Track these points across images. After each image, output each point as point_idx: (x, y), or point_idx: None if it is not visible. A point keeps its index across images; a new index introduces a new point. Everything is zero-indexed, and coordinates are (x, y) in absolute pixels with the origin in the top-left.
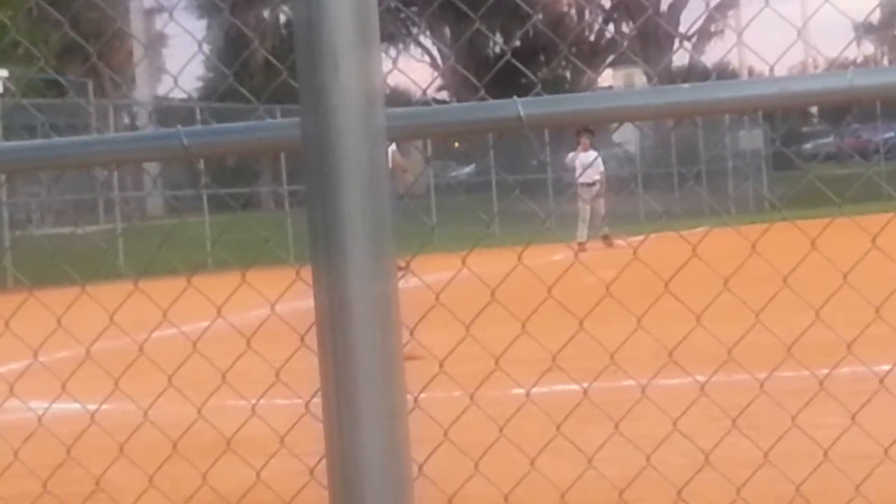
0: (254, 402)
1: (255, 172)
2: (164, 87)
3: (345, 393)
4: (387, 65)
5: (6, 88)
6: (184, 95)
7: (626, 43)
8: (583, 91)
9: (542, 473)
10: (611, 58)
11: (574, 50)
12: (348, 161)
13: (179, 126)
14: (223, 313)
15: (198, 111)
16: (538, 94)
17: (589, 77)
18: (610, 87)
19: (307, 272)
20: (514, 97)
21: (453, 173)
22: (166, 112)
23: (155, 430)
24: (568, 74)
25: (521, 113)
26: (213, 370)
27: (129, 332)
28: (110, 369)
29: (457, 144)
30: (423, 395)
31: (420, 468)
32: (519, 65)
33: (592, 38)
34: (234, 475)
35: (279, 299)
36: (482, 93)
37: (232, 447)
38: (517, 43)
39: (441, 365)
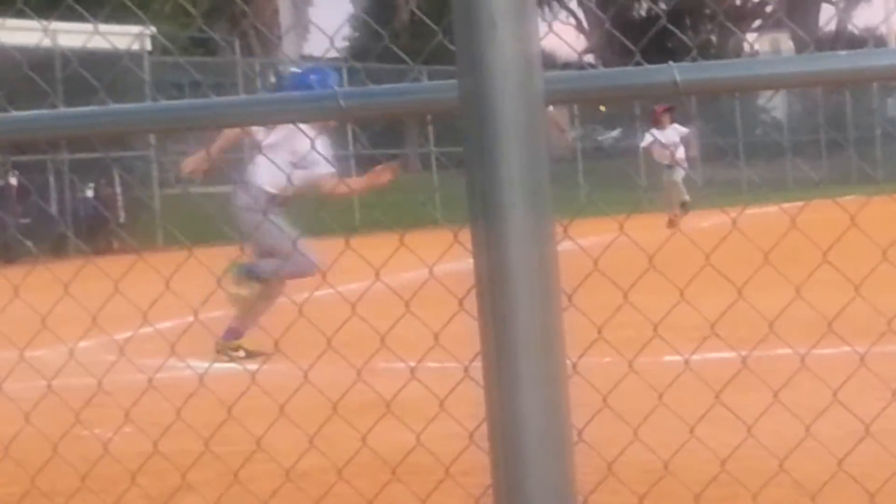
0: (413, 364)
1: (402, 133)
2: (309, 47)
3: (505, 358)
4: (541, 28)
5: (154, 46)
6: (331, 55)
7: (770, 8)
8: (729, 56)
9: (701, 441)
10: (757, 22)
11: (720, 14)
12: (507, 125)
13: (336, 88)
14: (375, 275)
15: (344, 71)
16: (694, 59)
17: (736, 41)
18: (756, 53)
19: (462, 235)
20: (671, 62)
21: (599, 137)
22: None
23: (314, 392)
24: (714, 39)
25: (678, 79)
26: (370, 332)
27: (285, 292)
28: (268, 330)
29: (602, 108)
30: (580, 361)
31: (579, 434)
32: (675, 30)
33: (739, 1)
34: (392, 437)
35: (437, 262)
36: (638, 57)
37: (391, 409)
38: (662, 6)
39: (599, 331)
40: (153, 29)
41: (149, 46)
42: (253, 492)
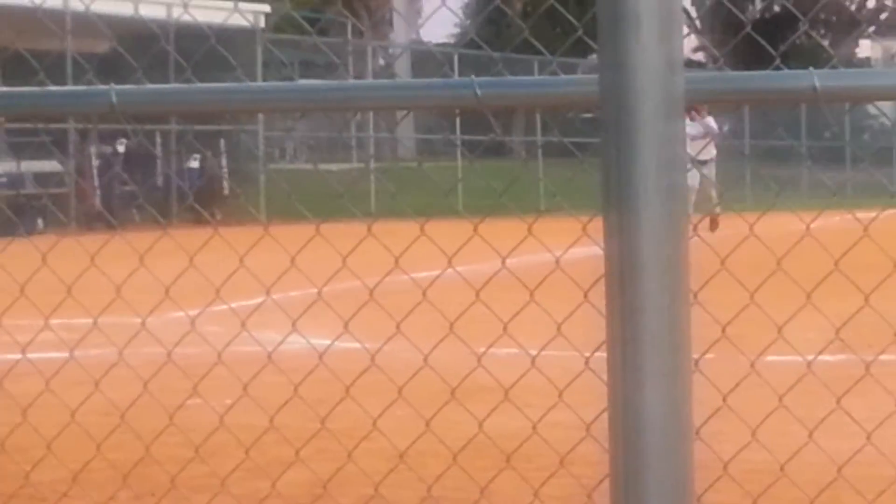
0: (534, 352)
1: (508, 121)
2: (421, 31)
3: (631, 351)
4: None
5: (267, 24)
6: (441, 40)
7: (886, 15)
8: (841, 63)
9: (818, 446)
10: (871, 29)
11: (834, 19)
12: (646, 123)
13: (473, 76)
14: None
15: (455, 59)
16: (833, 66)
17: (848, 48)
18: (867, 59)
19: (586, 225)
20: (811, 68)
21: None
22: (423, 57)
23: (431, 374)
24: (826, 44)
25: (817, 85)
26: (489, 316)
27: (408, 271)
28: (389, 309)
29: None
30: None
31: (697, 431)
32: (816, 37)
33: (853, 6)
34: (508, 423)
35: (564, 252)
36: (777, 62)
37: (508, 397)
38: (776, 8)
39: (724, 330)
40: (267, 6)
41: (262, 23)
42: (365, 471)
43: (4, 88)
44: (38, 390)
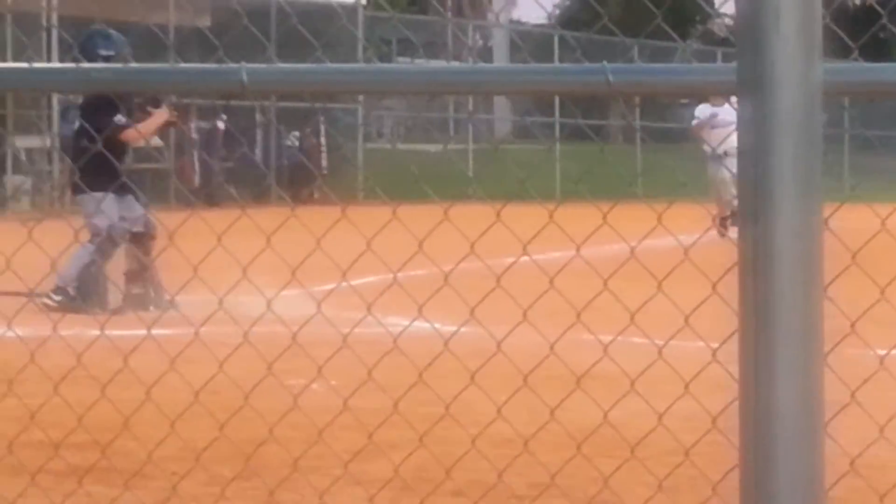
0: (607, 340)
1: (605, 105)
2: (518, 12)
3: (764, 345)
4: None
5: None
6: (535, 22)
7: None
8: None
9: None
10: None
11: None
12: (784, 114)
13: (605, 62)
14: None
15: (555, 39)
16: None
17: None
18: None
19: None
20: None
21: None
22: (522, 37)
23: (505, 360)
24: None
25: None
26: (565, 304)
27: (485, 257)
28: (465, 293)
29: None
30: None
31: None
32: None
33: None
34: (583, 412)
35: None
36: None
37: (580, 385)
38: None
39: (853, 325)
40: None
41: (363, 0)
42: (438, 456)
43: (135, 65)
44: (117, 366)
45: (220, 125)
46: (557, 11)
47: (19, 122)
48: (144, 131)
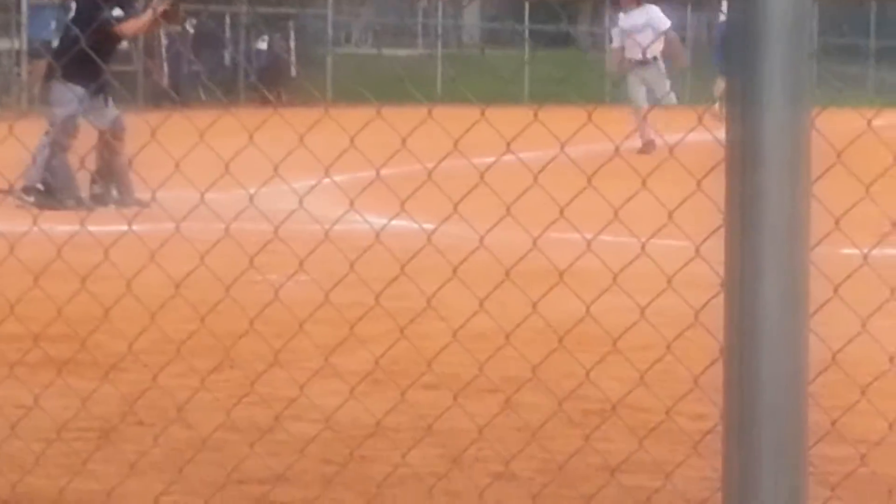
0: (589, 236)
1: (575, 10)
2: None
3: (749, 243)
4: None
5: None
6: None
7: None
8: None
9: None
10: None
11: None
12: (775, 18)
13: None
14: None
15: None
16: None
17: None
18: None
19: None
20: None
21: None
22: None
23: (488, 256)
24: None
25: None
26: (549, 202)
27: (468, 156)
28: (448, 191)
29: None
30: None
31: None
32: None
33: None
34: (563, 307)
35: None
36: None
37: (563, 279)
38: None
39: (837, 222)
40: None
41: None
42: (419, 349)
43: None
44: (96, 261)
45: (190, 29)
46: None
47: None
48: (134, 27)
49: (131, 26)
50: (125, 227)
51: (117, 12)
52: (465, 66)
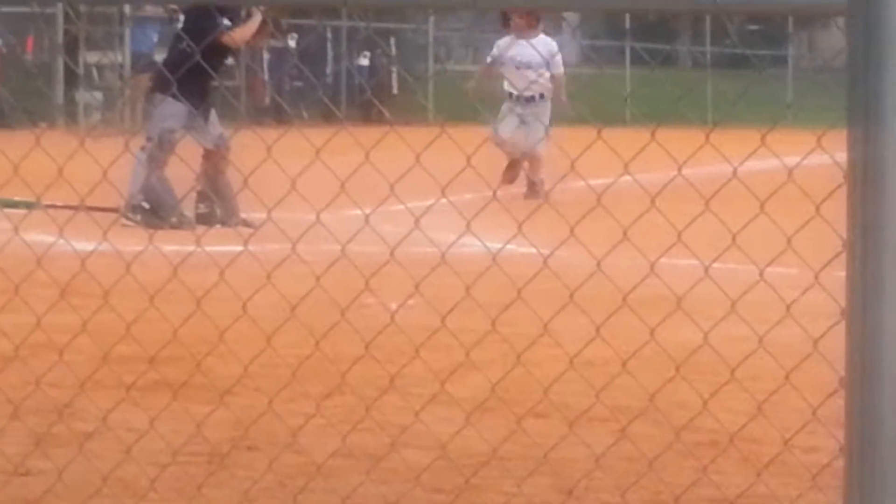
0: (706, 263)
1: (674, 30)
2: None
3: (872, 267)
4: None
5: None
6: None
7: None
8: None
9: None
10: None
11: None
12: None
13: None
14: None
15: None
16: None
17: None
18: None
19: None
20: None
21: None
22: None
23: (604, 281)
24: None
25: None
26: (667, 226)
27: (584, 177)
28: (518, 214)
29: None
30: None
31: None
32: None
33: None
34: (679, 334)
35: (687, 161)
36: None
37: (681, 306)
38: None
39: None
40: None
41: None
42: (535, 375)
43: None
44: (208, 281)
45: (292, 44)
46: None
47: (91, 39)
48: (241, 36)
49: (239, 34)
50: (235, 248)
51: (225, 23)
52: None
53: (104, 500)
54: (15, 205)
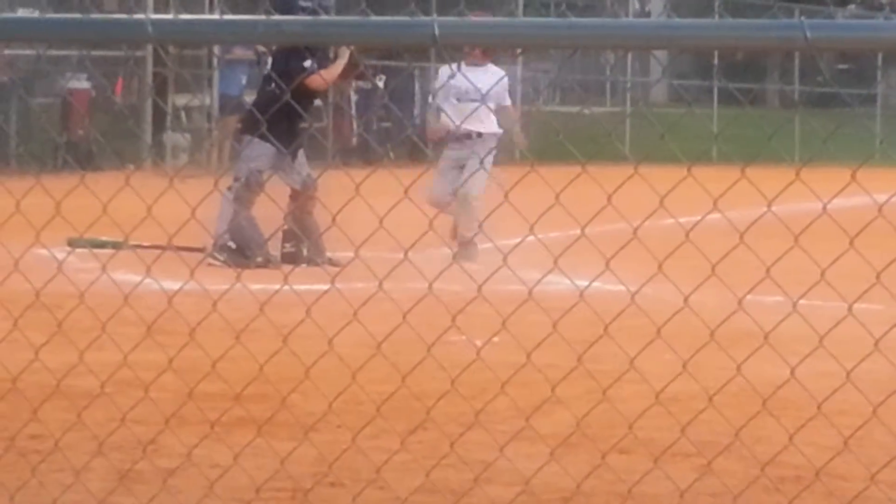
0: (794, 299)
1: (763, 68)
2: None
3: None
4: None
5: None
6: None
7: None
8: None
9: None
10: None
11: None
12: None
13: (803, 18)
14: (721, 207)
15: (715, 3)
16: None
17: None
18: None
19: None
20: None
21: None
22: (679, 0)
23: (690, 316)
24: None
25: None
26: (753, 262)
27: (625, 215)
28: (605, 251)
29: None
30: None
31: None
32: None
33: None
34: (765, 370)
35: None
36: None
37: (767, 341)
38: None
39: None
40: None
41: None
42: (621, 411)
43: (325, 17)
44: (293, 319)
45: (381, 84)
46: None
47: (180, 81)
48: (329, 77)
49: (327, 75)
50: (321, 286)
51: (308, 64)
52: (651, 124)
53: None
54: (103, 244)
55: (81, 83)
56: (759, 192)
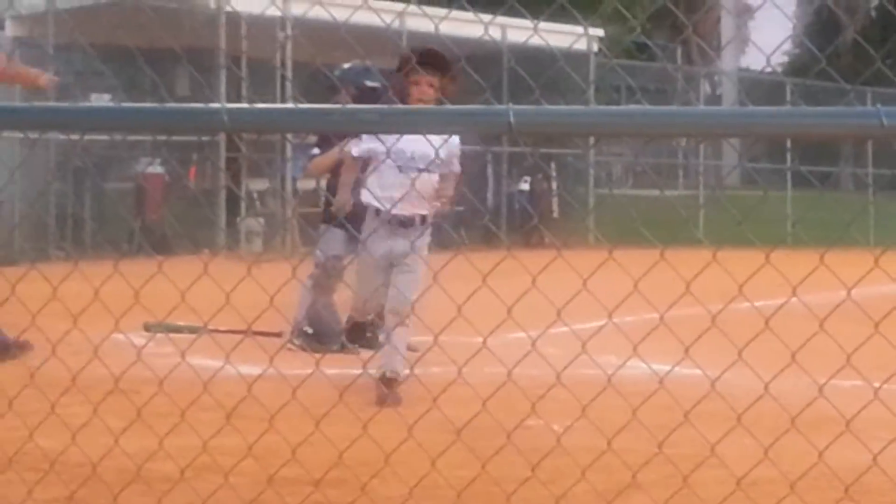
0: (877, 384)
1: (836, 152)
2: (746, 59)
3: None
4: None
5: (600, 48)
6: (768, 70)
7: None
8: None
9: None
10: None
11: None
12: None
13: (879, 106)
14: (798, 292)
15: (787, 88)
16: None
17: None
18: None
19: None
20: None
21: None
22: (751, 84)
23: (771, 402)
24: None
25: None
26: (833, 347)
27: (702, 300)
28: (683, 336)
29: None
30: None
31: None
32: None
33: None
34: (847, 456)
35: (856, 284)
36: None
37: (849, 428)
38: None
39: None
40: (600, 32)
41: (595, 48)
42: (701, 497)
43: (399, 106)
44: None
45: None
46: (786, 59)
47: (252, 165)
48: (313, 167)
49: (309, 169)
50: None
51: (313, 152)
52: (725, 208)
53: None
54: (179, 329)
55: (155, 168)
56: (836, 277)
